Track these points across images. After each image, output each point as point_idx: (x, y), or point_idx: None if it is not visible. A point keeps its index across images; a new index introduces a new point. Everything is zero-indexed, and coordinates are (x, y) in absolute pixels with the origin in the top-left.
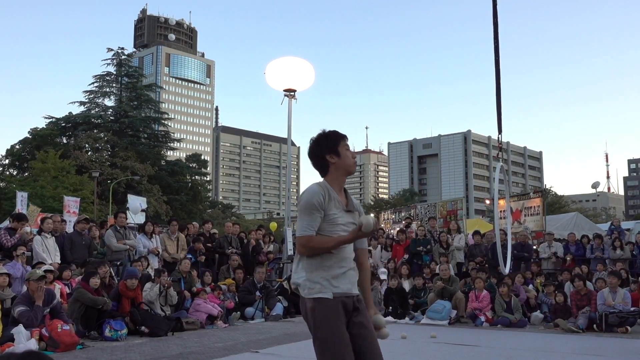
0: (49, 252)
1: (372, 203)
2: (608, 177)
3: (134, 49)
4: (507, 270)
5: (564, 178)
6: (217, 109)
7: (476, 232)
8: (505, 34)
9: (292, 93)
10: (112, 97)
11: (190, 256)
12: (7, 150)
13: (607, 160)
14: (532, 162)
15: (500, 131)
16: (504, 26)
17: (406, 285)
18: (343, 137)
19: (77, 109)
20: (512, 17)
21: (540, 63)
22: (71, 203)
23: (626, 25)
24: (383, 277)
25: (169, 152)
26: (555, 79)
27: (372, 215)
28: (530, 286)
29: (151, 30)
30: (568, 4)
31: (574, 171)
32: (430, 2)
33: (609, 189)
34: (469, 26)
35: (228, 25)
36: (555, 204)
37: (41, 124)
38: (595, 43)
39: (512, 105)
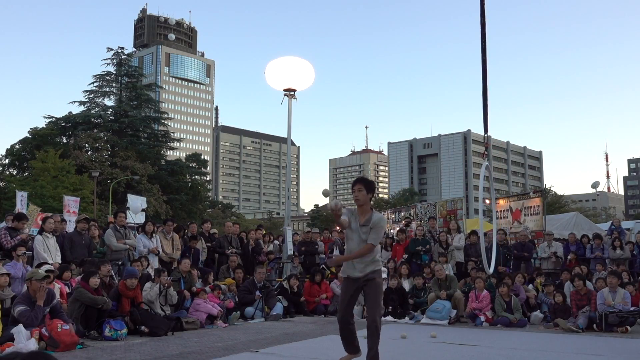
0: (49, 251)
1: (372, 203)
2: (608, 177)
3: (134, 49)
4: (490, 271)
5: (564, 178)
6: (217, 109)
7: (473, 232)
8: (505, 33)
9: (292, 93)
10: (112, 96)
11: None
12: (7, 150)
13: (607, 160)
14: (532, 161)
15: (486, 131)
16: (504, 26)
17: (406, 285)
18: None
19: (77, 109)
20: (513, 17)
21: (541, 63)
22: (71, 203)
23: (626, 25)
24: (383, 276)
25: (168, 152)
26: (555, 79)
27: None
28: (530, 286)
29: (151, 30)
30: (568, 4)
31: (574, 171)
32: (430, 2)
33: (608, 188)
34: (469, 26)
35: (228, 24)
36: (555, 204)
37: (41, 123)
38: (596, 43)
39: (512, 105)
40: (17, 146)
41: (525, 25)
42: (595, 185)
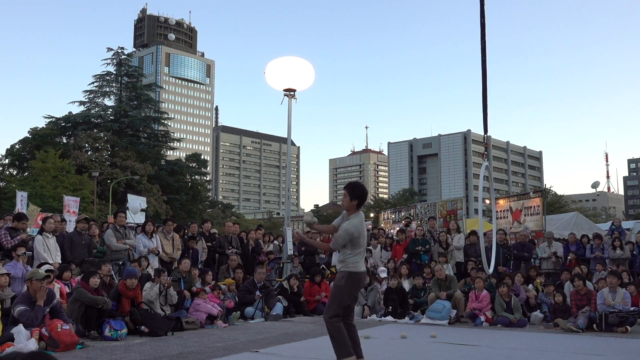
0: (49, 251)
1: (372, 203)
2: (608, 177)
3: (134, 49)
4: (490, 271)
5: (564, 178)
6: (217, 109)
7: (472, 232)
8: (505, 33)
9: (292, 93)
10: (112, 96)
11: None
12: (7, 150)
13: (607, 160)
14: (532, 162)
15: (486, 131)
16: (504, 26)
17: (406, 285)
18: None
19: (77, 109)
20: (513, 17)
21: (541, 63)
22: (71, 203)
23: (626, 25)
24: (383, 275)
25: (168, 152)
26: (555, 79)
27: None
28: (530, 286)
29: (151, 30)
30: (568, 4)
31: (574, 171)
32: (430, 2)
33: (608, 188)
34: (469, 26)
35: (228, 24)
36: (555, 204)
37: (41, 123)
38: (596, 43)
39: (512, 105)
40: (17, 146)
41: (525, 25)
42: (595, 185)
